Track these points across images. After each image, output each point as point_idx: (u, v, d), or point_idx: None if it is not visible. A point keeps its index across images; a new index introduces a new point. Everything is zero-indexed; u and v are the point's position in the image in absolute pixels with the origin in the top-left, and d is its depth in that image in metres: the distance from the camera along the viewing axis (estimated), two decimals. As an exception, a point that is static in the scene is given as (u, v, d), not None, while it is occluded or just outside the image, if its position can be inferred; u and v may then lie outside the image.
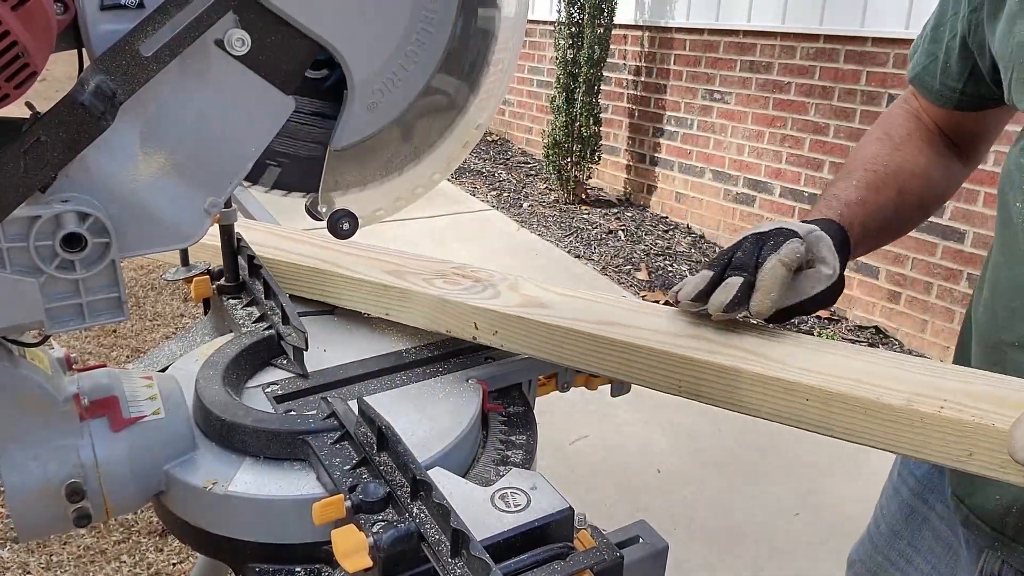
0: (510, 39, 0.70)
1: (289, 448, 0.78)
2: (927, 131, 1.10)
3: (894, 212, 1.06)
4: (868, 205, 1.03)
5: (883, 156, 1.07)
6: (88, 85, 0.56)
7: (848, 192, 1.04)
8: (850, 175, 1.06)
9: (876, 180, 1.05)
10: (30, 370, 0.70)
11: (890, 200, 1.05)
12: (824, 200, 1.04)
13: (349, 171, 0.70)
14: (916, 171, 1.07)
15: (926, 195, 1.10)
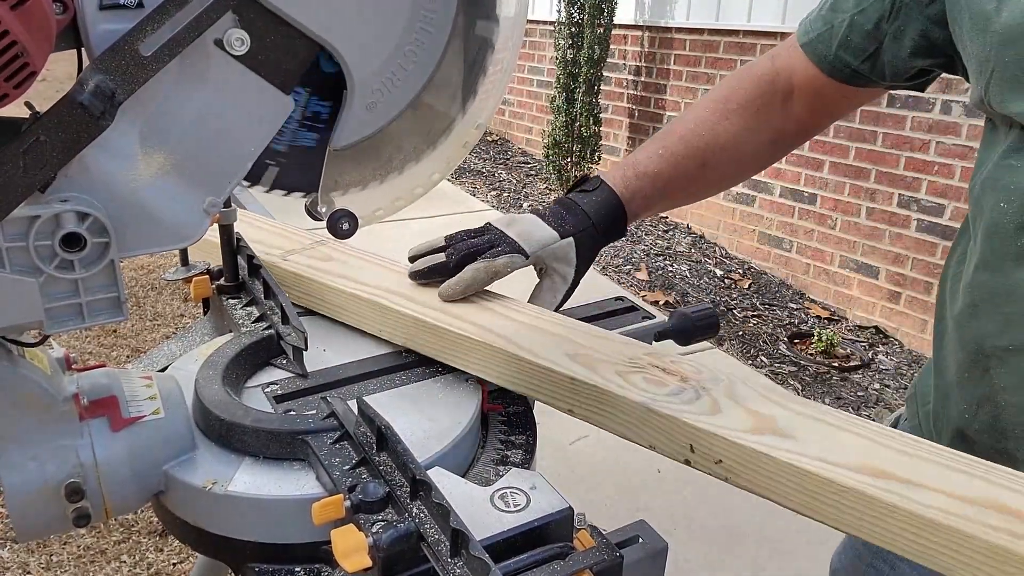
0: (509, 39, 0.70)
1: (289, 448, 0.78)
2: (772, 98, 1.09)
3: (688, 184, 1.12)
4: (662, 179, 1.09)
5: (704, 126, 1.10)
6: (87, 85, 0.56)
7: (649, 162, 1.09)
8: (663, 139, 1.11)
9: (683, 152, 1.09)
10: (29, 370, 0.70)
11: (689, 173, 1.10)
12: (624, 164, 1.11)
13: (348, 171, 0.70)
14: (731, 147, 1.09)
15: (732, 171, 1.15)
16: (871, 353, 3.73)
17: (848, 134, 4.07)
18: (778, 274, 4.54)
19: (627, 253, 4.80)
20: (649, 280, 4.44)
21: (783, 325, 3.99)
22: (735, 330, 3.90)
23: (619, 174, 1.09)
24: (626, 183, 1.08)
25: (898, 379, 3.53)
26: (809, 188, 4.34)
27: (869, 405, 3.28)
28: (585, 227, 1.03)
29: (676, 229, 5.18)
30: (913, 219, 3.78)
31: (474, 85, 0.70)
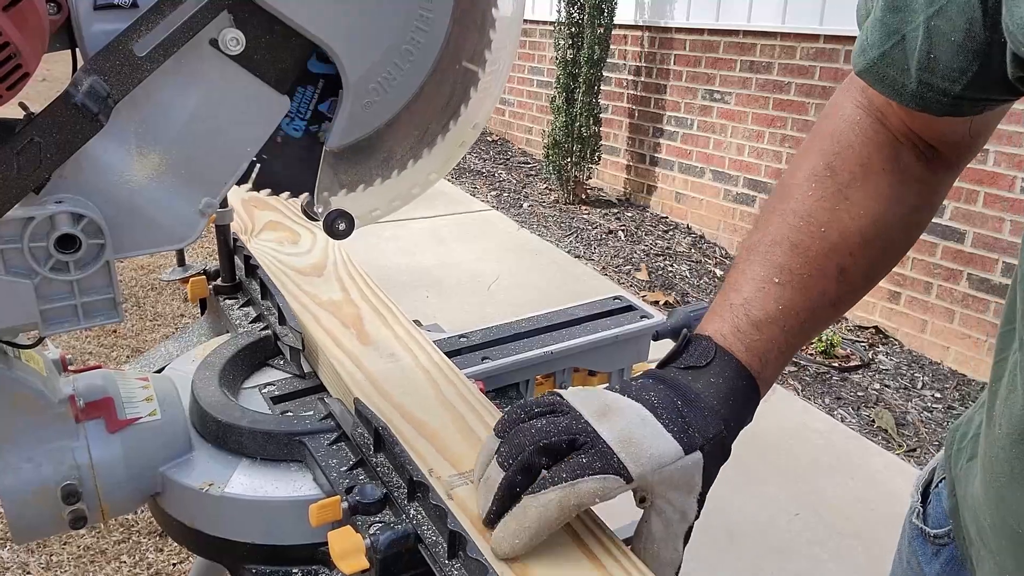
0: (506, 38, 0.70)
1: (286, 449, 0.78)
2: (889, 146, 0.75)
3: (831, 306, 0.75)
4: (793, 317, 0.72)
5: (819, 219, 0.74)
6: (82, 86, 0.55)
7: (764, 299, 0.72)
8: (767, 257, 0.74)
9: (806, 268, 0.73)
10: (25, 372, 0.70)
11: (826, 294, 0.74)
12: (727, 308, 0.73)
13: (345, 171, 0.70)
14: (870, 233, 0.74)
15: (881, 260, 0.78)
16: (871, 353, 3.73)
17: (848, 134, 4.07)
18: (778, 274, 4.55)
19: (627, 253, 4.80)
20: (649, 280, 4.43)
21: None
22: (735, 330, 3.90)
23: (729, 329, 0.72)
24: (748, 344, 0.71)
25: (898, 379, 3.53)
26: (809, 188, 4.34)
27: (869, 405, 3.28)
28: (717, 432, 0.67)
29: (676, 229, 5.17)
30: (913, 219, 3.78)
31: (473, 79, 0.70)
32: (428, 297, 3.94)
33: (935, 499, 0.85)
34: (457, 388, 0.84)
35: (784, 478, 2.74)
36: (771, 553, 2.40)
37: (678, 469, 0.64)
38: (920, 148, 0.75)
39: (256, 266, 1.08)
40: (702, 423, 0.66)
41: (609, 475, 0.62)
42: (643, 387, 0.68)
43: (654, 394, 0.66)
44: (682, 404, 0.66)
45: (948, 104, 0.66)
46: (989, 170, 3.41)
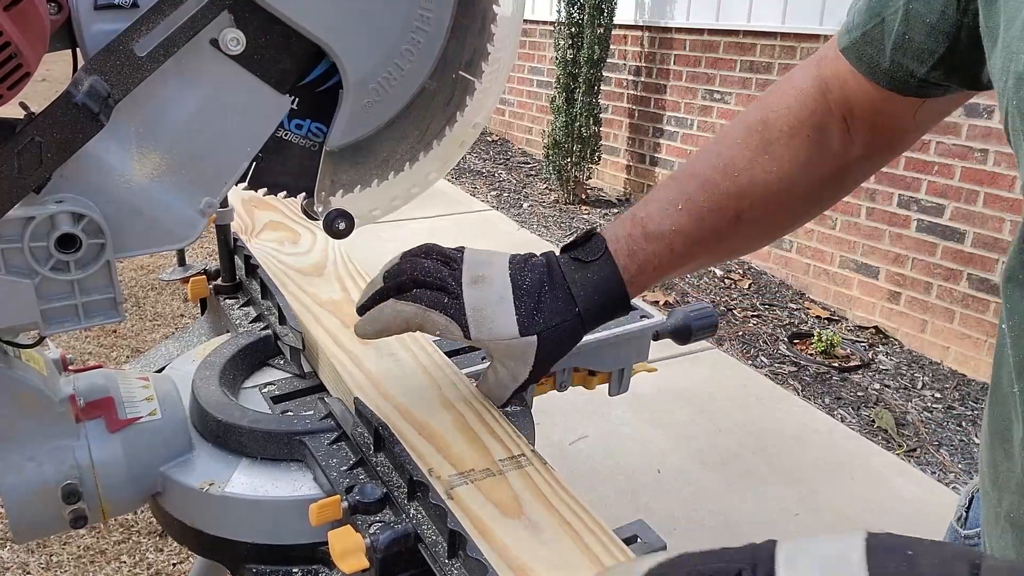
0: (506, 38, 0.70)
1: (286, 449, 0.78)
2: (826, 119, 0.81)
3: (716, 245, 0.83)
4: (681, 241, 0.81)
5: (737, 165, 0.81)
6: (82, 85, 0.56)
7: (664, 218, 0.81)
8: (681, 185, 0.83)
9: (708, 203, 0.81)
10: (25, 371, 0.70)
11: (718, 231, 0.82)
12: (633, 219, 0.82)
13: (345, 171, 0.70)
14: (776, 191, 0.81)
15: (778, 222, 0.85)
16: (871, 353, 3.73)
17: (848, 134, 4.07)
18: (778, 274, 4.54)
19: (627, 253, 4.81)
20: (649, 280, 4.44)
21: (783, 325, 3.99)
22: (735, 330, 3.90)
23: (624, 234, 0.81)
24: (632, 253, 0.81)
25: (898, 379, 3.53)
26: (809, 188, 4.34)
27: (869, 405, 3.28)
28: (563, 320, 0.79)
29: (676, 229, 5.18)
30: (913, 219, 3.77)
31: (473, 79, 0.70)
32: (428, 297, 3.94)
33: (976, 502, 0.85)
34: (458, 388, 0.84)
35: (784, 478, 2.74)
36: (771, 553, 2.40)
37: (512, 345, 0.78)
38: (852, 130, 0.81)
39: (256, 266, 1.08)
40: (553, 311, 0.79)
41: (453, 323, 0.77)
42: (530, 267, 0.81)
43: (530, 276, 0.80)
44: (547, 290, 0.79)
45: (915, 85, 0.72)
46: (989, 170, 3.41)
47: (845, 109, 0.80)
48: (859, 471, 2.81)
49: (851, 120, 0.80)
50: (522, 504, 0.68)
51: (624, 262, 0.81)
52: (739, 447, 2.89)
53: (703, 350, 3.59)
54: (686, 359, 3.43)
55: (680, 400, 3.14)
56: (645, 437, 2.90)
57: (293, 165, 0.69)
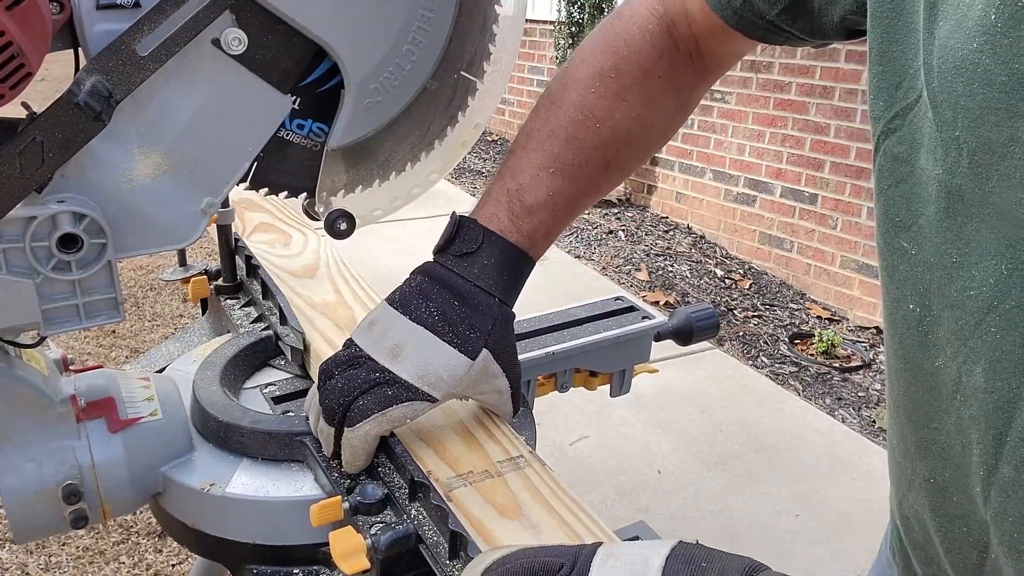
0: (508, 38, 0.70)
1: (287, 449, 0.78)
2: (674, 59, 0.81)
3: (591, 193, 0.84)
4: (562, 202, 0.80)
5: (596, 116, 0.80)
6: (84, 85, 0.55)
7: (537, 185, 0.78)
8: (543, 147, 0.79)
9: (577, 159, 0.80)
10: (26, 371, 0.70)
11: (592, 181, 0.82)
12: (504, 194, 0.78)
13: (346, 171, 0.70)
14: (637, 134, 0.82)
15: (641, 158, 0.88)
16: (872, 353, 3.73)
17: (849, 134, 4.07)
18: (779, 274, 4.54)
19: (627, 253, 4.80)
20: (649, 280, 4.43)
21: (784, 325, 3.99)
22: (736, 330, 3.90)
23: (504, 212, 0.78)
24: (518, 226, 0.78)
25: (898, 379, 3.53)
26: (810, 188, 4.33)
27: (870, 405, 3.28)
28: (495, 320, 0.74)
29: (676, 229, 5.17)
30: (913, 219, 3.78)
31: (474, 79, 0.70)
32: (428, 297, 3.93)
33: None
34: None
35: (785, 478, 2.74)
36: (772, 554, 2.40)
37: (473, 374, 0.73)
38: (695, 61, 0.83)
39: (257, 266, 1.08)
40: (481, 318, 0.74)
41: (415, 401, 0.71)
42: (423, 297, 0.75)
43: (434, 307, 0.74)
44: (459, 305, 0.74)
45: (761, 27, 0.74)
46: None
47: (691, 46, 0.82)
48: (860, 471, 2.81)
49: (695, 56, 0.82)
50: (521, 505, 0.68)
51: (515, 238, 0.78)
52: (740, 447, 2.89)
53: (704, 350, 3.59)
54: (687, 359, 3.43)
55: (681, 401, 3.14)
56: (646, 438, 2.89)
57: (294, 165, 0.69)
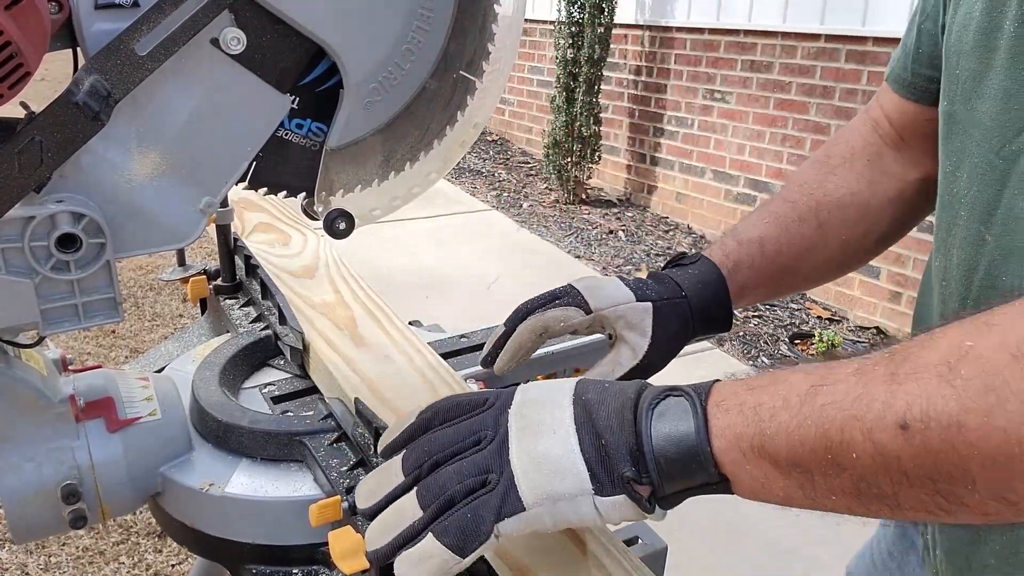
0: (507, 37, 0.70)
1: (286, 449, 0.78)
2: (879, 147, 0.93)
3: (803, 251, 0.91)
4: (771, 243, 0.89)
5: (810, 185, 0.93)
6: (83, 85, 0.55)
7: (752, 228, 0.90)
8: (764, 207, 0.94)
9: (791, 214, 0.91)
10: (25, 371, 0.70)
11: (804, 236, 0.90)
12: (724, 235, 0.92)
13: (345, 170, 0.70)
14: (849, 202, 0.91)
15: (858, 232, 0.93)
16: (871, 353, 3.73)
17: (848, 134, 4.07)
18: (778, 274, 4.55)
19: (627, 253, 4.80)
20: (649, 280, 4.44)
21: (784, 325, 3.99)
22: (736, 330, 3.90)
23: (718, 246, 0.90)
24: (726, 252, 0.89)
25: (898, 379, 3.53)
26: (809, 188, 4.34)
27: (869, 405, 3.28)
28: (671, 296, 0.84)
29: (677, 229, 5.17)
30: (913, 219, 3.78)
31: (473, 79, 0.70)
32: (428, 297, 3.94)
33: None
34: (452, 390, 0.84)
35: (784, 478, 2.73)
36: (772, 554, 2.40)
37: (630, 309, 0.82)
38: (905, 156, 0.92)
39: (256, 266, 1.08)
40: (661, 289, 0.84)
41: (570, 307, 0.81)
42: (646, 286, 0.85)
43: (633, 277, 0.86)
44: (652, 281, 0.85)
45: (934, 91, 0.82)
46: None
47: (895, 139, 0.92)
48: (859, 471, 2.80)
49: (902, 148, 0.92)
50: None
51: (720, 259, 0.88)
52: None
53: (704, 350, 3.59)
54: (688, 359, 3.43)
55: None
56: (645, 437, 2.89)
57: (293, 165, 0.68)
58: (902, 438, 0.47)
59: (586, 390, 0.59)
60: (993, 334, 0.46)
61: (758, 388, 0.55)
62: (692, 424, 0.55)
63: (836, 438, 0.50)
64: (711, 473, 0.56)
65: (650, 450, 0.55)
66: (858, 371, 0.51)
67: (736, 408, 0.55)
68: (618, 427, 0.56)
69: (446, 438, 0.60)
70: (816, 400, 0.51)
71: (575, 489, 0.56)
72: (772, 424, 0.53)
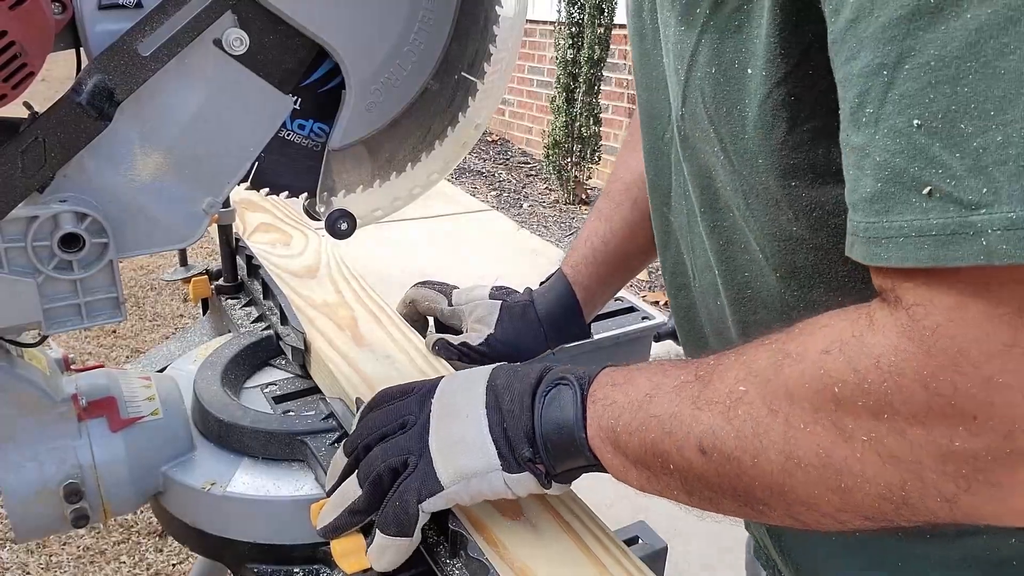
0: (509, 39, 0.70)
1: (287, 448, 0.78)
2: None
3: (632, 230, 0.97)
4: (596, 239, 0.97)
5: (618, 169, 1.01)
6: (86, 85, 0.56)
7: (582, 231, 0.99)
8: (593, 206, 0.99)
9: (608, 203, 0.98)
10: (28, 371, 0.70)
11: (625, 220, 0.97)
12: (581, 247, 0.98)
13: (347, 171, 0.70)
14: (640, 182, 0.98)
15: None
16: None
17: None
18: (778, 275, 4.54)
19: (627, 253, 4.80)
20: (649, 280, 4.44)
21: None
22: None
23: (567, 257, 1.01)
24: (570, 262, 0.99)
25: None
26: (809, 189, 4.33)
27: (869, 406, 3.28)
28: (521, 300, 0.96)
29: (676, 229, 5.18)
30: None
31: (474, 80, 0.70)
32: (428, 297, 3.93)
33: None
34: None
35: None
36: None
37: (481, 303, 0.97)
38: None
39: (258, 266, 1.08)
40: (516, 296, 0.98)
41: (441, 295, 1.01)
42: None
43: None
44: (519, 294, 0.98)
45: None
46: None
47: None
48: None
49: None
50: (522, 505, 0.69)
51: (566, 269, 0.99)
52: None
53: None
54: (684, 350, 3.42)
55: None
56: (645, 437, 2.89)
57: (295, 165, 0.69)
58: (703, 459, 0.53)
59: (497, 375, 0.66)
60: (757, 382, 0.51)
61: (619, 385, 0.61)
62: (572, 414, 0.61)
63: (659, 447, 0.56)
64: (587, 457, 0.61)
65: (540, 435, 0.61)
66: (677, 388, 0.56)
67: (602, 401, 0.61)
68: (519, 411, 0.62)
69: (376, 422, 0.67)
70: (648, 408, 0.57)
71: (486, 467, 0.62)
72: (619, 423, 0.59)
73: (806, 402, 0.48)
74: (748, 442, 0.50)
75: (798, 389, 0.48)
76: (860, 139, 0.44)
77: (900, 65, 0.41)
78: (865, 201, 0.44)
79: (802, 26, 0.51)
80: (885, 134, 0.42)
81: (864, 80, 0.43)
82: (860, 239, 0.45)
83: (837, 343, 0.47)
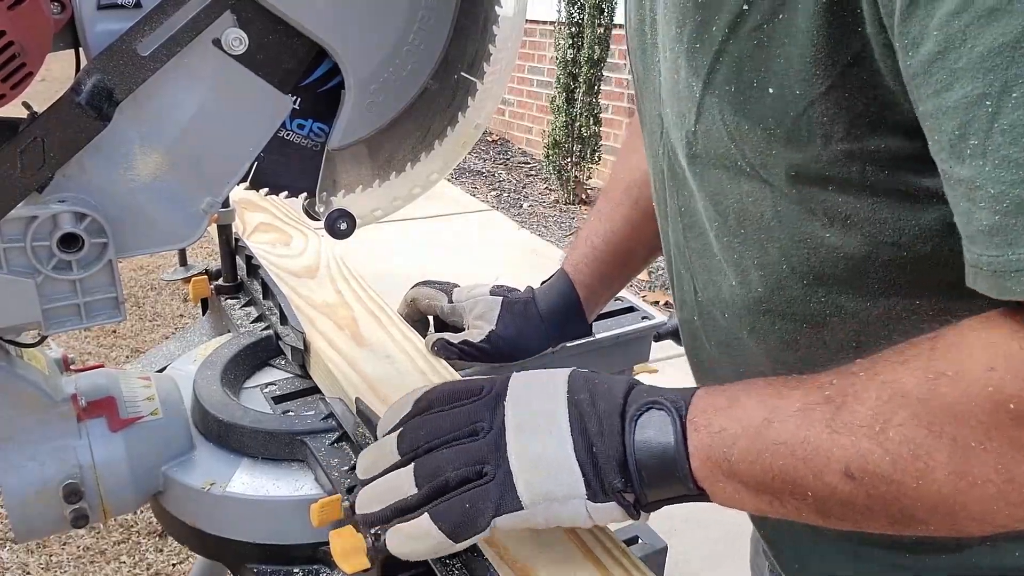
0: (508, 39, 0.70)
1: (287, 448, 0.78)
2: None
3: (634, 229, 0.98)
4: (597, 238, 0.98)
5: (618, 170, 1.01)
6: (85, 85, 0.56)
7: (582, 230, 0.99)
8: (592, 207, 1.00)
9: (608, 203, 0.99)
10: (27, 371, 0.70)
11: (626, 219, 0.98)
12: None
13: (347, 171, 0.70)
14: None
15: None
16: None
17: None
18: (778, 274, 4.54)
19: (627, 253, 4.80)
20: (649, 280, 4.43)
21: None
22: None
23: (568, 255, 1.02)
24: (571, 260, 1.00)
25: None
26: (809, 188, 4.33)
27: (869, 405, 3.28)
28: (523, 298, 0.97)
29: (676, 229, 5.17)
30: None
31: (474, 79, 0.70)
32: (428, 297, 3.93)
33: None
34: None
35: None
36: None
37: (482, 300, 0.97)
38: None
39: (258, 266, 1.08)
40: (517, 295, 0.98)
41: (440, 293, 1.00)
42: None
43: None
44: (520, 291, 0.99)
45: None
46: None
47: None
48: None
49: None
50: None
51: (567, 267, 0.99)
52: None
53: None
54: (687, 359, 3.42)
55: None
56: (645, 437, 2.89)
57: (295, 165, 0.69)
58: (851, 484, 0.51)
59: (576, 387, 0.61)
60: (909, 404, 0.49)
61: (722, 410, 0.57)
62: (672, 440, 0.57)
63: (791, 475, 0.53)
64: (690, 487, 0.58)
65: (634, 462, 0.57)
66: (802, 411, 0.53)
67: (705, 428, 0.57)
68: (608, 434, 0.58)
69: (443, 423, 0.62)
70: (768, 435, 0.54)
71: (569, 492, 0.58)
72: (734, 451, 0.55)
73: (975, 420, 0.47)
74: (908, 464, 0.49)
75: (965, 409, 0.47)
76: (968, 172, 0.44)
77: (1006, 94, 0.41)
78: (983, 234, 0.44)
79: (840, 48, 0.50)
80: (997, 165, 0.42)
81: (964, 111, 0.43)
82: (984, 272, 0.45)
83: (1002, 359, 0.46)
